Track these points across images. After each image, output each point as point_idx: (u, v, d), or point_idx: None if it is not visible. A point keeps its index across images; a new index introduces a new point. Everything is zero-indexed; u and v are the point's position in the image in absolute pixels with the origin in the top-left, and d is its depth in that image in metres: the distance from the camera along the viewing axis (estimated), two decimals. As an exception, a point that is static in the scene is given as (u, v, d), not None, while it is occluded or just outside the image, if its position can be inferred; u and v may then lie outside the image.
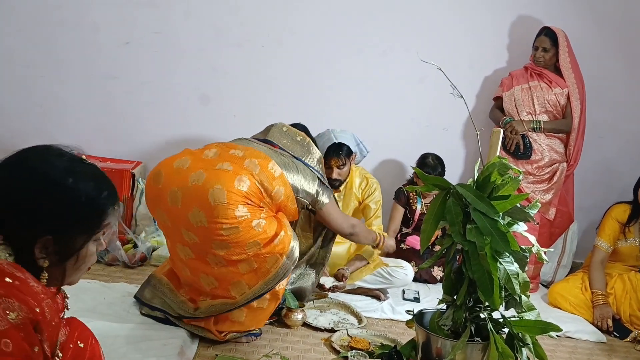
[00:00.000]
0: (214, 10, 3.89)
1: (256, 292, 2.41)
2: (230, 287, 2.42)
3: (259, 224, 2.34)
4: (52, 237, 1.21)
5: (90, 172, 1.28)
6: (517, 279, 1.91)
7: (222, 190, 2.29)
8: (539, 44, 3.75)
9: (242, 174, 2.37)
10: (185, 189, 2.34)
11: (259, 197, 2.39)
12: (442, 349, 2.01)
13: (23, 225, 1.20)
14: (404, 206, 3.80)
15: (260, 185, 2.40)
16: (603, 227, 3.61)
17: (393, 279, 3.30)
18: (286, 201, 2.51)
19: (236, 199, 2.30)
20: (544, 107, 3.74)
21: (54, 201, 1.21)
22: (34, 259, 1.21)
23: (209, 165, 2.40)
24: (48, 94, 3.93)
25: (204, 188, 2.30)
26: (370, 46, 3.97)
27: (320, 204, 2.70)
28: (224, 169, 2.38)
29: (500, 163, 1.97)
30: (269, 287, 2.42)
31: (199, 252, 2.39)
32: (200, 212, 2.29)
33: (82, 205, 1.24)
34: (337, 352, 2.55)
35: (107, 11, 3.85)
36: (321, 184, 2.71)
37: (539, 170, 3.73)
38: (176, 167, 2.43)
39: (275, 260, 2.38)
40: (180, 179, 2.37)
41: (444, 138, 4.06)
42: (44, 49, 3.87)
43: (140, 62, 3.92)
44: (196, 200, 2.31)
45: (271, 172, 2.45)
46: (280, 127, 2.80)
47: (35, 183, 1.20)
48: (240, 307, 2.44)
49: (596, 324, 3.32)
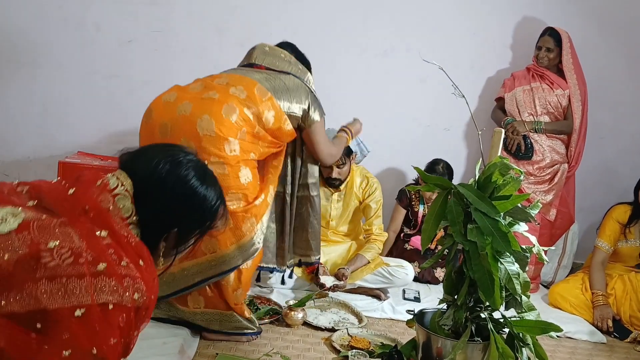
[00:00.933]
0: (216, 9, 3.89)
1: (230, 256, 2.35)
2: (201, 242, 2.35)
3: (246, 176, 2.33)
4: (178, 231, 1.38)
5: (213, 179, 1.46)
6: (517, 279, 1.91)
7: (211, 120, 2.27)
8: (543, 44, 3.75)
9: (229, 101, 2.34)
10: (174, 119, 2.33)
11: (250, 125, 2.36)
12: (442, 348, 2.02)
13: (160, 218, 1.36)
14: (405, 207, 3.79)
15: (248, 112, 2.36)
16: (603, 227, 3.61)
17: (393, 279, 3.30)
18: (278, 123, 2.46)
19: (226, 131, 2.28)
20: (546, 109, 3.74)
21: (190, 204, 1.39)
22: (153, 244, 1.36)
23: (195, 96, 2.39)
24: (49, 92, 3.93)
25: (192, 118, 2.29)
26: (371, 45, 3.97)
27: (310, 120, 2.61)
28: (210, 97, 2.36)
29: (501, 163, 1.97)
30: (244, 256, 2.39)
31: None
32: (190, 142, 2.26)
33: (208, 209, 1.42)
34: (337, 351, 2.55)
35: (108, 10, 3.85)
36: (314, 98, 2.64)
37: (540, 171, 3.73)
38: (164, 101, 2.43)
39: (252, 224, 2.37)
40: (169, 111, 2.37)
41: (445, 138, 4.06)
42: (45, 48, 3.87)
43: (142, 61, 3.91)
44: (185, 130, 2.29)
45: (258, 95, 2.41)
46: (262, 47, 2.74)
47: (180, 187, 1.37)
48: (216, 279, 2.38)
49: (596, 325, 3.32)
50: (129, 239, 1.26)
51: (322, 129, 2.72)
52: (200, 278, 2.40)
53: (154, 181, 1.35)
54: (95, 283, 1.15)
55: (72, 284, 1.13)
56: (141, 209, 1.33)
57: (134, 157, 1.41)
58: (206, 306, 2.48)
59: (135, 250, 1.26)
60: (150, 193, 1.34)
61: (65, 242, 1.16)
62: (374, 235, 3.40)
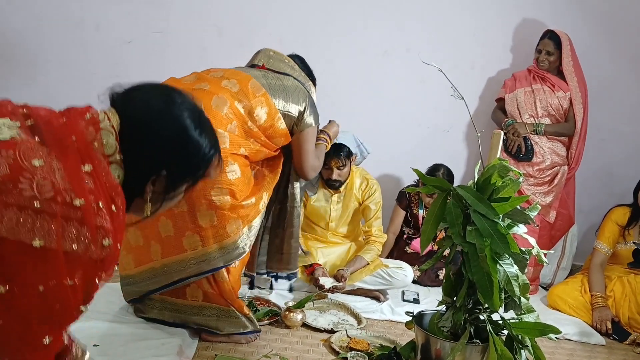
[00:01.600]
0: (215, 10, 3.89)
1: (211, 256, 2.30)
2: (183, 239, 2.31)
3: (234, 172, 2.27)
4: (166, 176, 1.30)
5: (209, 126, 1.39)
6: (516, 281, 1.91)
7: None
8: (543, 47, 3.75)
9: (219, 93, 2.30)
10: None
11: (241, 119, 2.31)
12: (441, 350, 2.02)
13: (147, 158, 1.28)
14: (405, 209, 3.79)
15: (239, 105, 2.32)
16: (603, 229, 3.61)
17: (393, 280, 3.30)
18: (270, 121, 2.42)
19: (214, 123, 2.22)
20: (547, 111, 3.74)
21: (181, 146, 1.31)
22: (139, 188, 1.29)
23: (186, 87, 2.34)
24: (50, 92, 3.93)
25: None
26: (371, 46, 3.97)
27: (304, 123, 2.56)
28: (201, 87, 2.32)
29: (500, 165, 1.97)
30: (226, 258, 2.33)
31: None
32: None
33: (200, 155, 1.34)
34: (336, 352, 2.55)
35: (108, 10, 3.85)
36: (312, 103, 2.60)
37: (540, 173, 3.73)
38: None
39: (238, 226, 2.31)
40: None
41: (444, 139, 4.06)
42: (44, 48, 3.87)
43: (141, 62, 3.92)
44: None
45: (251, 90, 2.37)
46: (267, 51, 2.72)
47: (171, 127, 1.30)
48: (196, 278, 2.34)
49: (595, 327, 3.32)
50: (107, 178, 1.19)
51: (313, 138, 2.67)
52: (179, 276, 2.36)
53: (144, 118, 1.28)
54: (66, 227, 1.09)
55: (41, 220, 1.06)
56: (128, 147, 1.25)
57: (125, 93, 1.35)
58: (204, 299, 2.45)
59: (109, 193, 1.19)
60: (139, 130, 1.27)
61: (48, 174, 1.09)
62: (374, 237, 3.40)
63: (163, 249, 2.37)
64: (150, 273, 2.43)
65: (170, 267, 2.36)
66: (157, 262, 2.39)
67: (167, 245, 2.36)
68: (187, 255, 2.32)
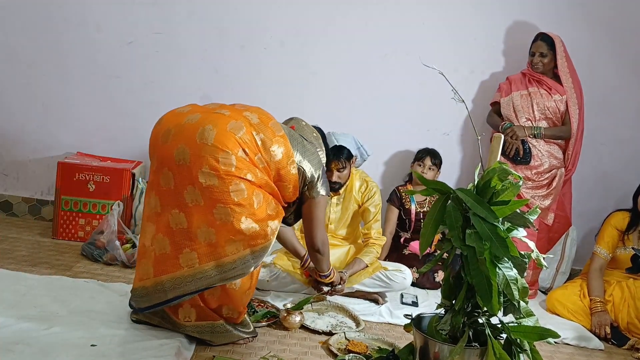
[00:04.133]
0: (217, 11, 3.89)
1: (207, 275, 2.24)
2: (180, 255, 2.26)
3: (238, 192, 2.21)
4: None
5: None
6: (515, 285, 1.91)
7: (212, 130, 2.22)
8: (536, 50, 3.74)
9: (238, 119, 2.30)
10: (179, 126, 2.31)
11: (253, 148, 2.28)
12: (439, 353, 2.01)
13: None
14: (398, 207, 3.82)
15: (256, 135, 2.30)
16: (602, 234, 3.61)
17: (392, 283, 3.29)
18: (285, 163, 2.37)
19: (225, 143, 2.21)
20: (544, 114, 3.74)
21: None
22: None
23: (208, 110, 2.38)
24: (50, 92, 3.93)
25: (196, 126, 2.27)
26: (372, 49, 3.98)
27: (316, 191, 2.55)
28: (221, 113, 2.33)
29: (500, 168, 1.97)
30: (225, 276, 2.26)
31: (167, 202, 2.29)
32: (186, 149, 2.22)
33: None
34: (334, 355, 2.55)
35: (109, 10, 3.86)
36: (325, 175, 2.61)
37: (538, 176, 3.73)
38: (177, 111, 2.43)
39: (237, 248, 2.25)
40: (177, 119, 2.35)
41: (444, 142, 4.06)
42: (46, 48, 3.88)
43: (143, 62, 3.92)
44: (185, 136, 2.26)
45: (271, 128, 2.36)
46: (299, 120, 2.74)
47: None
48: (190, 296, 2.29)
49: (594, 331, 3.31)
50: None
51: (324, 207, 2.65)
52: (174, 294, 2.30)
53: None
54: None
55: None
56: None
57: None
58: (197, 319, 2.41)
59: None
60: None
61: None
62: (373, 239, 3.39)
63: (156, 267, 2.32)
64: (141, 291, 2.37)
65: (165, 285, 2.30)
66: (148, 280, 2.35)
67: (161, 262, 2.31)
68: (182, 272, 2.27)
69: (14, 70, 3.90)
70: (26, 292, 2.67)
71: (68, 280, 2.92)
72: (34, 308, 2.51)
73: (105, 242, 3.34)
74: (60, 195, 3.62)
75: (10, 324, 2.32)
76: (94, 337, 2.32)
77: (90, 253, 3.35)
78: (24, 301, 2.57)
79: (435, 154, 3.84)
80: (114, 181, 3.64)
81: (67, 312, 2.52)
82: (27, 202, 4.01)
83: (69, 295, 2.70)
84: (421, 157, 3.82)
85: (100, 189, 3.63)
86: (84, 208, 3.63)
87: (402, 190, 3.85)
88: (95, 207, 3.64)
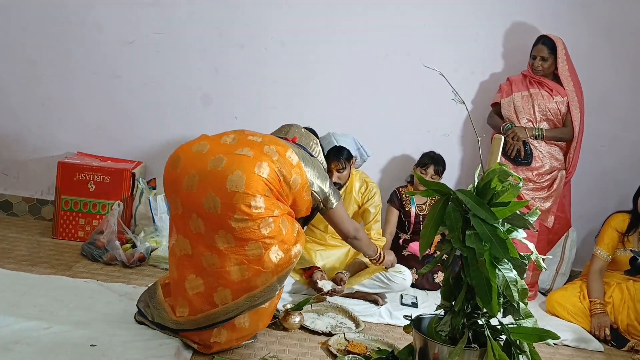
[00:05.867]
0: (218, 11, 3.89)
1: (239, 306, 2.34)
2: (214, 294, 2.35)
3: (268, 226, 2.30)
4: None
5: None
6: (515, 286, 1.91)
7: (242, 176, 2.25)
8: (537, 53, 3.73)
9: (262, 160, 2.33)
10: (204, 173, 2.30)
11: (277, 185, 2.36)
12: (439, 354, 2.01)
13: None
14: (398, 208, 3.81)
15: (279, 172, 2.37)
16: (602, 236, 3.60)
17: (391, 284, 3.29)
18: (301, 191, 2.47)
19: (255, 187, 2.26)
20: (545, 115, 3.74)
21: None
22: None
23: (229, 150, 2.37)
24: (51, 91, 3.93)
25: (224, 173, 2.27)
26: (372, 50, 3.97)
27: (331, 203, 2.67)
28: (244, 154, 2.34)
29: (500, 170, 1.97)
30: (254, 304, 2.35)
31: (198, 244, 2.34)
32: (216, 198, 2.25)
33: None
34: (334, 356, 2.55)
35: (110, 10, 3.86)
36: (332, 184, 2.69)
37: (539, 178, 3.72)
38: (195, 151, 2.39)
39: (267, 278, 2.34)
40: (199, 163, 2.33)
41: (444, 143, 4.06)
42: (47, 47, 3.87)
43: (143, 62, 3.92)
44: (213, 185, 2.27)
45: (289, 160, 2.43)
46: (299, 127, 2.81)
47: None
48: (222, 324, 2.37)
49: (594, 333, 3.31)
50: None
51: (342, 210, 2.77)
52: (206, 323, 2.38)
53: None
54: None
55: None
56: None
57: None
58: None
59: None
60: None
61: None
62: (373, 240, 3.39)
63: (191, 307, 2.39)
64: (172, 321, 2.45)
65: (198, 320, 2.38)
66: (182, 318, 2.42)
67: (196, 303, 2.38)
68: (218, 310, 2.35)
69: (15, 70, 3.90)
70: (26, 292, 2.67)
71: (68, 280, 2.92)
72: (33, 308, 2.51)
73: (105, 242, 3.34)
74: (60, 195, 3.62)
75: (10, 323, 2.32)
76: (94, 336, 2.32)
77: (90, 253, 3.35)
78: (23, 301, 2.57)
79: (439, 162, 3.77)
80: (114, 181, 3.64)
81: (66, 312, 2.52)
82: (27, 202, 4.01)
83: (69, 295, 2.70)
84: (425, 164, 3.76)
85: (100, 189, 3.63)
86: (84, 208, 3.63)
87: (402, 191, 3.84)
88: (95, 207, 3.64)
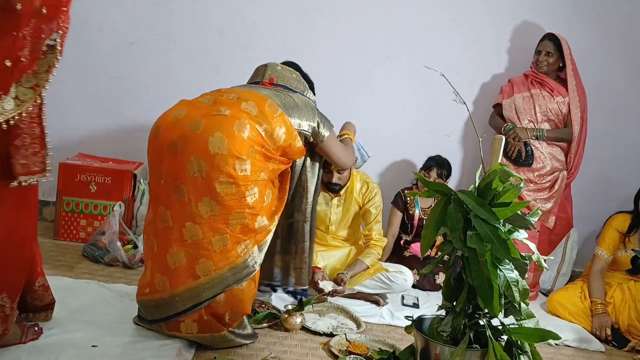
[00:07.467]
0: (218, 12, 3.90)
1: (222, 278, 2.30)
2: (196, 266, 2.30)
3: (253, 195, 2.29)
4: None
5: None
6: (516, 287, 1.91)
7: (223, 139, 2.23)
8: (543, 48, 3.74)
9: (241, 117, 2.31)
10: (184, 138, 2.28)
11: (261, 142, 2.33)
12: (440, 355, 2.01)
13: None
14: (401, 211, 3.80)
15: (260, 128, 2.34)
16: (603, 236, 3.60)
17: (392, 284, 3.30)
18: (289, 140, 2.45)
19: (239, 149, 2.24)
20: (546, 116, 3.74)
21: None
22: None
23: (206, 112, 2.34)
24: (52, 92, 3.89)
25: (204, 135, 2.25)
26: (374, 50, 3.98)
27: (322, 136, 2.64)
28: (222, 113, 2.32)
29: (501, 170, 1.97)
30: (236, 278, 2.33)
31: (181, 216, 2.29)
32: (200, 161, 2.23)
33: None
34: (335, 356, 2.55)
35: (111, 11, 3.86)
36: (321, 115, 2.67)
37: (540, 179, 3.72)
38: (173, 117, 2.38)
39: (246, 246, 2.33)
40: (179, 128, 2.32)
41: (445, 144, 4.06)
42: (48, 48, 3.88)
43: (144, 63, 3.92)
44: (196, 148, 2.25)
45: (269, 111, 2.39)
46: (274, 65, 2.76)
47: None
48: (208, 301, 2.33)
49: (595, 333, 3.31)
50: None
51: (334, 141, 2.79)
52: (191, 303, 2.33)
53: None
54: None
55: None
56: None
57: None
58: (199, 331, 2.40)
59: None
60: None
61: None
62: (374, 241, 3.39)
63: (172, 280, 2.34)
64: (158, 302, 2.39)
65: (182, 296, 2.33)
66: (164, 292, 2.36)
67: (177, 275, 2.33)
68: (200, 281, 2.31)
69: (16, 71, 3.90)
70: (27, 293, 2.67)
71: (69, 281, 2.92)
72: (35, 308, 2.51)
73: (106, 243, 3.35)
74: (61, 196, 3.62)
75: (11, 324, 2.32)
76: (95, 337, 2.32)
77: (91, 254, 3.35)
78: (25, 302, 2.57)
79: (443, 165, 3.76)
80: (115, 182, 3.64)
81: (67, 313, 2.52)
82: (28, 203, 4.01)
83: (70, 295, 2.70)
84: (429, 166, 3.76)
85: (101, 190, 3.63)
86: (85, 209, 3.63)
87: (407, 193, 3.83)
88: (97, 208, 3.64)
